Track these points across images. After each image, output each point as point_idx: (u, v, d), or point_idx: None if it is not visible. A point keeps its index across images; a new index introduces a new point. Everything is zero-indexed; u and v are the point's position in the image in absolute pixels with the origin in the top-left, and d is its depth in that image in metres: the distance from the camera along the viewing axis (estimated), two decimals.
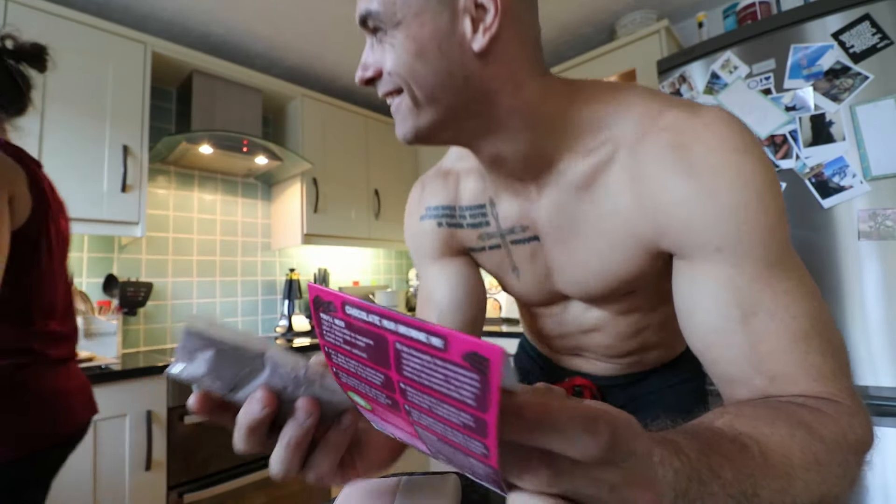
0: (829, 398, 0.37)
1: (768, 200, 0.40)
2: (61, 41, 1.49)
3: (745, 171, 0.39)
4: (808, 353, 0.38)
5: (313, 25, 1.94)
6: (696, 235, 0.41)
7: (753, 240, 0.39)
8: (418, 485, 0.41)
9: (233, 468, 1.51)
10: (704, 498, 0.27)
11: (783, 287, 0.39)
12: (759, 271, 0.40)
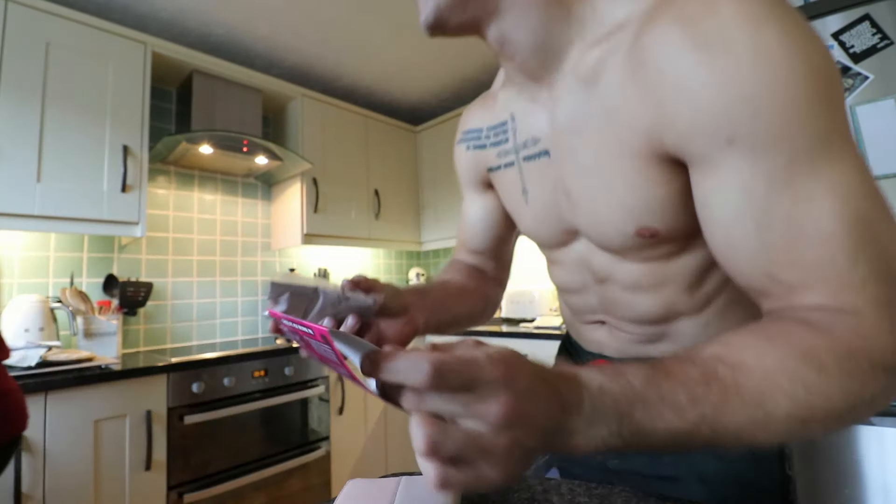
0: (849, 311, 0.32)
1: (799, 83, 0.32)
2: (61, 41, 1.49)
3: (770, 45, 0.32)
4: (833, 260, 0.32)
5: (313, 25, 1.94)
6: (704, 124, 0.35)
7: (773, 131, 0.33)
8: (418, 485, 0.41)
9: (233, 468, 1.51)
10: (655, 420, 0.30)
11: (811, 185, 0.33)
12: (779, 170, 0.33)
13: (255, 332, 2.23)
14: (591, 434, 0.30)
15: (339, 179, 2.30)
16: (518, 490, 0.46)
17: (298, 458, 1.67)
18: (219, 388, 1.50)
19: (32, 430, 1.15)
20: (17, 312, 1.44)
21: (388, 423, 2.06)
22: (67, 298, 1.55)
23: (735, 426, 0.31)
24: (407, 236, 2.64)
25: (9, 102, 1.38)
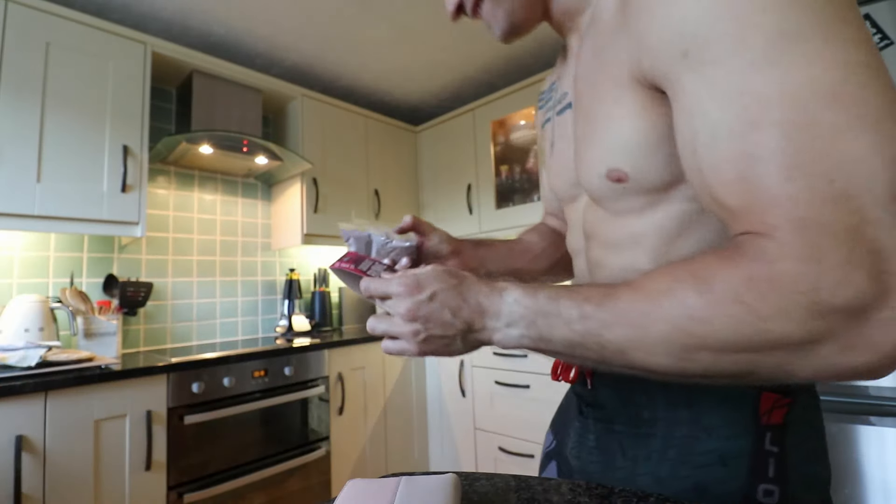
0: (768, 234, 0.29)
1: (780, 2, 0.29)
2: (61, 41, 1.49)
3: None
4: (769, 174, 0.29)
5: (313, 25, 1.94)
6: (663, 38, 0.33)
7: (724, 38, 0.30)
8: (418, 485, 0.41)
9: (233, 468, 1.51)
10: (552, 329, 0.37)
11: (758, 90, 0.29)
12: (730, 79, 0.30)
13: (255, 332, 2.23)
14: (507, 333, 0.40)
15: (339, 179, 2.30)
16: (518, 490, 0.46)
17: (298, 458, 1.67)
18: (219, 388, 1.50)
19: (32, 430, 1.15)
20: (17, 312, 1.44)
21: (388, 423, 2.06)
22: (67, 298, 1.56)
23: (617, 343, 0.33)
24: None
25: (9, 102, 1.38)
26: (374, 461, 1.97)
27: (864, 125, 0.27)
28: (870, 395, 1.08)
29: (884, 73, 0.28)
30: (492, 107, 2.38)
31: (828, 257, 0.27)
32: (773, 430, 0.42)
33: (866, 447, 1.07)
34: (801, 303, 0.28)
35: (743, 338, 0.29)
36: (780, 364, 0.30)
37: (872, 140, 0.27)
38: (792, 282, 0.28)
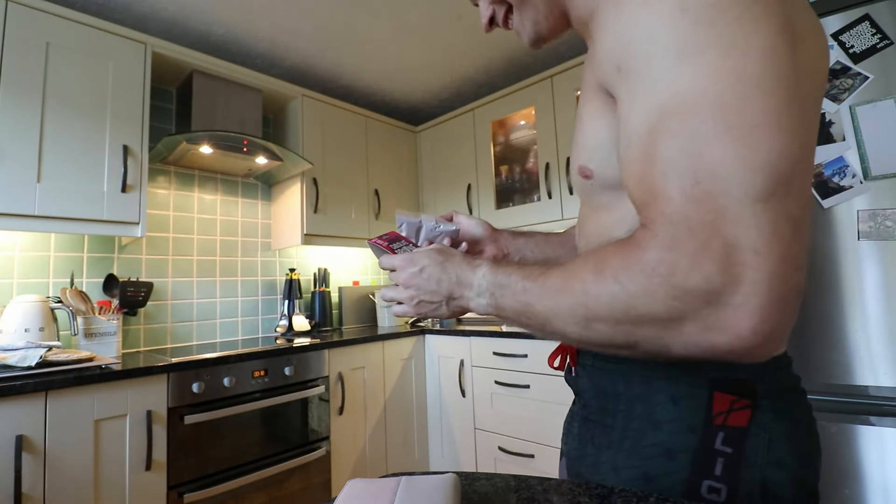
0: (648, 225, 0.34)
1: (685, 19, 0.33)
2: (61, 41, 1.49)
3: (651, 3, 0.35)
4: (654, 174, 0.34)
5: (313, 25, 1.94)
6: (607, 54, 0.39)
7: (643, 50, 0.35)
8: (418, 485, 0.41)
9: (233, 468, 1.51)
10: (506, 299, 0.45)
11: (659, 101, 0.34)
12: (642, 86, 0.35)
13: (255, 332, 2.23)
14: (478, 301, 0.49)
15: (339, 179, 2.30)
16: (518, 490, 0.46)
17: (298, 458, 1.67)
18: (219, 388, 1.50)
19: (33, 430, 1.15)
20: (17, 312, 1.44)
21: (388, 423, 2.06)
22: (67, 298, 1.56)
23: (543, 313, 0.41)
24: None
25: (9, 102, 1.38)
26: (374, 461, 1.97)
27: (735, 134, 0.31)
28: (870, 395, 1.08)
29: (777, 82, 0.31)
30: (492, 107, 2.38)
31: (684, 247, 0.32)
32: (730, 431, 0.42)
33: (866, 447, 1.07)
34: (660, 284, 0.32)
35: (619, 312, 0.35)
36: (655, 338, 0.35)
37: (739, 147, 0.31)
38: (654, 266, 0.33)
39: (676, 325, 0.33)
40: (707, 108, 0.32)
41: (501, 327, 2.10)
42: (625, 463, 0.47)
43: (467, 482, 0.47)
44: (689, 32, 0.33)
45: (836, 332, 1.13)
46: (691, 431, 0.43)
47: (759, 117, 0.31)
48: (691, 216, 0.32)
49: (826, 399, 1.13)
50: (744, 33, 0.32)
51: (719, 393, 0.43)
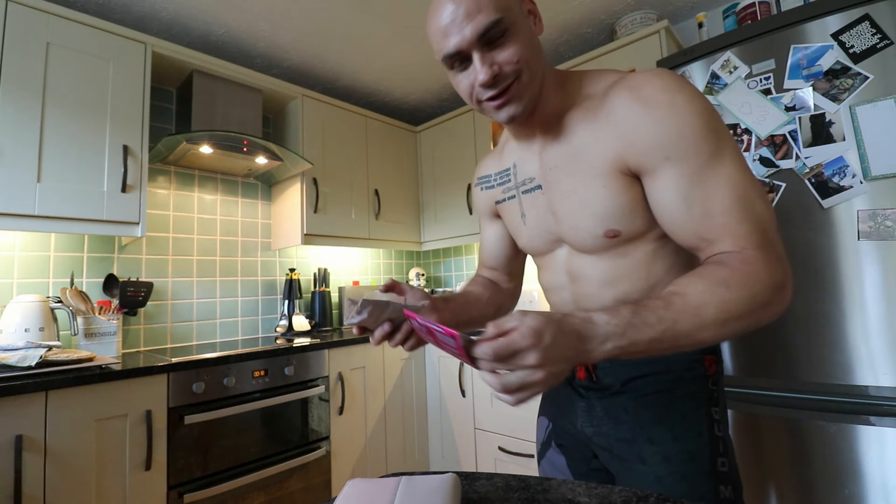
0: (739, 251, 0.54)
1: (697, 121, 0.57)
2: (61, 41, 1.49)
3: (679, 102, 0.58)
4: (731, 221, 0.55)
5: (313, 25, 1.94)
6: (652, 148, 0.58)
7: (689, 148, 0.57)
8: (418, 485, 0.41)
9: (233, 468, 1.51)
10: (639, 335, 0.50)
11: (713, 179, 0.56)
12: (695, 170, 0.57)
13: (255, 332, 2.23)
14: (602, 349, 0.49)
15: (339, 179, 2.30)
16: (518, 490, 0.46)
17: (298, 458, 1.67)
18: (219, 388, 1.50)
19: (33, 429, 1.15)
20: (17, 312, 1.45)
21: (388, 423, 2.06)
22: (67, 298, 1.56)
23: (685, 330, 0.50)
24: (407, 236, 2.64)
25: (9, 102, 1.38)
26: (374, 461, 1.97)
27: (760, 194, 0.57)
28: (870, 395, 1.08)
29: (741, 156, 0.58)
30: None
31: (771, 261, 0.53)
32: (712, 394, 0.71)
33: (866, 447, 1.07)
34: (770, 283, 0.52)
35: (748, 308, 0.52)
36: (759, 320, 0.53)
37: (766, 204, 0.57)
38: (761, 274, 0.52)
39: (773, 305, 0.53)
40: (749, 182, 0.56)
41: None
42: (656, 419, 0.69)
43: (467, 482, 0.47)
44: (719, 138, 0.57)
45: (836, 332, 1.13)
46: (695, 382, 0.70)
47: (761, 188, 0.57)
48: (764, 241, 0.54)
49: (826, 399, 1.13)
50: (729, 135, 0.58)
51: (709, 357, 0.71)
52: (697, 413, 0.68)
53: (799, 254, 1.19)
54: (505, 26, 0.58)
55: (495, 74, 0.59)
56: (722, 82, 1.33)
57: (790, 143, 1.21)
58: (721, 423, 0.69)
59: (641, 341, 0.50)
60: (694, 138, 0.56)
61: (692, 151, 0.56)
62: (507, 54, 0.59)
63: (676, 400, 0.69)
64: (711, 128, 0.57)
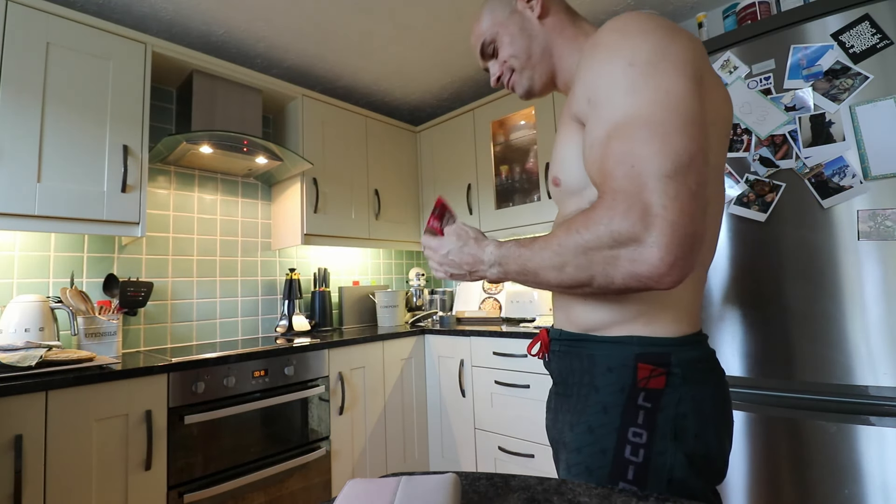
0: (603, 198, 0.52)
1: (623, 61, 0.53)
2: (61, 41, 1.49)
3: (616, 44, 0.55)
4: (610, 167, 0.51)
5: (313, 25, 1.94)
6: (582, 94, 0.59)
7: (608, 90, 0.54)
8: (418, 485, 0.41)
9: (233, 468, 1.51)
10: (509, 265, 0.61)
11: (609, 132, 0.52)
12: (606, 114, 0.54)
13: (255, 332, 2.23)
14: (491, 271, 0.64)
15: (339, 179, 2.30)
16: (518, 490, 0.46)
17: (298, 458, 1.67)
18: (219, 388, 1.50)
19: (33, 429, 1.15)
20: (17, 312, 1.45)
21: (388, 423, 2.06)
22: (68, 298, 1.56)
23: (533, 268, 0.57)
24: (407, 236, 2.64)
25: (9, 102, 1.38)
26: (374, 461, 1.97)
27: (657, 137, 0.49)
28: (870, 395, 1.08)
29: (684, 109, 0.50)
30: (492, 107, 2.38)
31: (618, 206, 0.49)
32: (649, 392, 0.57)
33: (866, 447, 1.07)
34: (605, 230, 0.49)
35: (580, 253, 0.52)
36: (603, 273, 0.51)
37: (658, 145, 0.49)
38: (599, 219, 0.50)
39: (616, 260, 0.49)
40: (641, 122, 0.50)
41: (501, 327, 2.10)
42: (576, 420, 0.62)
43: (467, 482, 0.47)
44: (634, 79, 0.52)
45: (836, 332, 1.13)
46: (622, 391, 0.59)
47: (670, 127, 0.49)
48: (625, 187, 0.49)
49: (826, 399, 1.13)
50: (666, 80, 0.51)
51: (642, 364, 0.59)
52: (606, 429, 0.57)
53: (799, 254, 1.19)
54: (492, 42, 0.78)
55: (498, 76, 0.80)
56: (722, 82, 1.33)
57: (790, 143, 1.21)
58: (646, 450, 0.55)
59: (511, 272, 0.61)
60: (613, 79, 0.53)
61: (609, 94, 0.53)
62: (499, 61, 0.79)
63: (588, 406, 0.61)
64: (638, 65, 0.52)
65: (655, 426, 0.55)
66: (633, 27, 0.55)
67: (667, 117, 0.49)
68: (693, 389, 0.57)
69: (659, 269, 0.47)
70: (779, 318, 1.21)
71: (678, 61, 0.52)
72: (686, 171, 0.47)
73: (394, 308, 2.48)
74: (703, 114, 0.51)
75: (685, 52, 0.53)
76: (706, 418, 0.57)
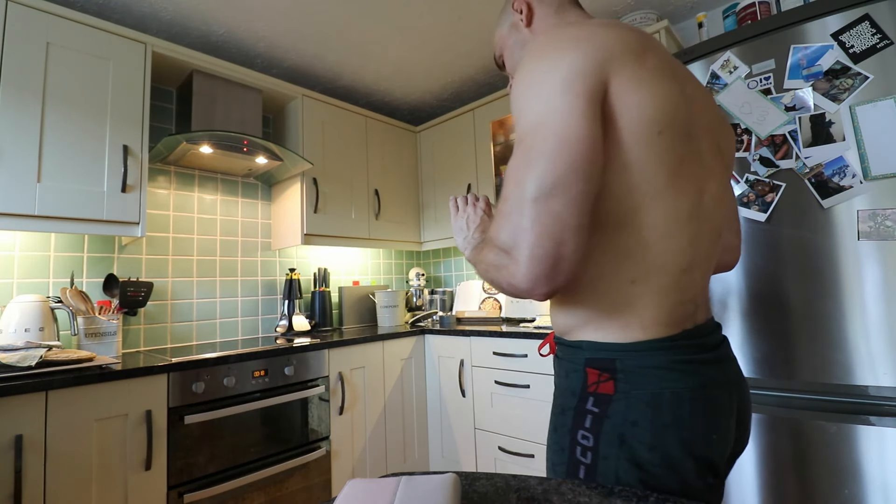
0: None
1: (518, 95, 0.57)
2: (61, 41, 1.49)
3: (518, 71, 0.58)
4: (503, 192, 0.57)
5: (313, 25, 1.94)
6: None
7: (516, 120, 0.58)
8: (418, 485, 0.41)
9: (233, 468, 1.51)
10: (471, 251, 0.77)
11: (513, 154, 0.57)
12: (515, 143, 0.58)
13: (255, 332, 2.23)
14: (469, 252, 0.77)
15: (339, 179, 2.30)
16: (518, 490, 0.46)
17: (298, 458, 1.67)
18: (219, 388, 1.50)
19: (33, 429, 1.15)
20: (17, 312, 1.45)
21: (388, 423, 2.06)
22: (68, 298, 1.56)
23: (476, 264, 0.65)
24: (407, 236, 2.64)
25: (9, 102, 1.38)
26: (374, 461, 1.97)
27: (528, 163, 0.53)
28: (870, 395, 1.08)
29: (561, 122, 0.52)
30: (492, 107, 2.38)
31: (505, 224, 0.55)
32: (599, 396, 0.58)
33: (866, 447, 1.07)
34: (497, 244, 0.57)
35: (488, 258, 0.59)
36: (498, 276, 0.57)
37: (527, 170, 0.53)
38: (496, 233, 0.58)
39: (501, 270, 0.56)
40: (521, 147, 0.55)
41: (501, 327, 2.09)
42: (552, 420, 0.65)
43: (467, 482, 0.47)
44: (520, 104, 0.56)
45: (836, 332, 1.13)
46: (573, 395, 0.61)
47: (537, 152, 0.52)
48: (509, 207, 0.54)
49: (826, 399, 1.13)
50: (541, 103, 0.53)
51: (590, 369, 0.60)
52: (563, 430, 0.60)
53: (799, 254, 1.19)
54: (501, 56, 0.84)
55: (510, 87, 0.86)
56: (722, 82, 1.33)
57: (790, 143, 1.21)
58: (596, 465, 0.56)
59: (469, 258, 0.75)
60: (511, 102, 0.59)
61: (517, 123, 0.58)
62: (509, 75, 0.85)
63: (556, 407, 0.64)
64: (523, 89, 0.56)
65: (601, 431, 0.56)
66: (532, 51, 0.58)
67: (536, 142, 0.52)
68: (648, 396, 0.55)
69: (524, 284, 0.53)
70: (779, 318, 1.21)
71: (561, 80, 0.53)
72: (548, 195, 0.50)
73: (394, 308, 2.48)
74: (590, 126, 0.51)
75: (575, 67, 0.53)
76: (665, 424, 0.54)
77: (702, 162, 0.62)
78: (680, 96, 0.59)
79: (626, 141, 0.54)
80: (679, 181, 0.58)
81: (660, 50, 0.62)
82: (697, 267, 0.61)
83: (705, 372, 0.58)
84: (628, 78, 0.55)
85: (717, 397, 0.58)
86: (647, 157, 0.56)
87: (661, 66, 0.59)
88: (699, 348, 0.59)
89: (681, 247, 0.59)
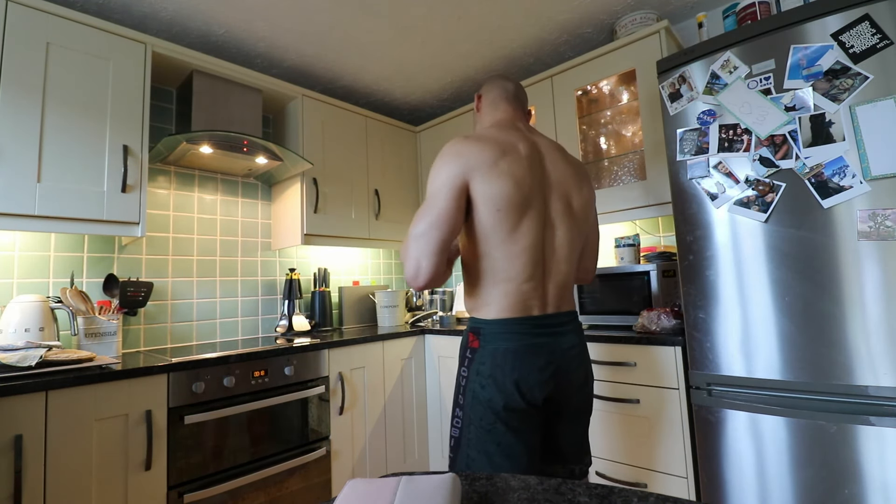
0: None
1: (431, 175, 0.99)
2: (61, 41, 1.49)
3: (436, 161, 1.00)
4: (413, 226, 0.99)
5: (313, 25, 1.94)
6: None
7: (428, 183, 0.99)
8: (418, 485, 0.41)
9: (233, 468, 1.51)
10: None
11: (419, 210, 0.98)
12: None
13: (256, 332, 2.23)
14: None
15: (339, 179, 2.30)
16: (518, 490, 0.46)
17: (298, 458, 1.67)
18: (219, 388, 1.50)
19: (33, 429, 1.15)
20: (17, 312, 1.45)
21: (388, 423, 2.06)
22: (68, 298, 1.56)
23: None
24: (407, 236, 2.63)
25: (9, 102, 1.38)
26: (374, 461, 1.97)
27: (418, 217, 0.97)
28: (870, 395, 1.08)
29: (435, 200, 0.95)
30: None
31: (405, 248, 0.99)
32: (472, 349, 1.01)
33: (866, 447, 1.07)
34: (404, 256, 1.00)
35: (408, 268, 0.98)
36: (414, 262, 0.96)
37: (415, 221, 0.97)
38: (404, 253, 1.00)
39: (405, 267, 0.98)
40: (424, 203, 0.98)
41: None
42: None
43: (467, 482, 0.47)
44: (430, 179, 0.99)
45: (836, 332, 1.13)
46: (463, 347, 1.04)
47: (420, 215, 0.96)
48: (411, 234, 0.96)
49: (826, 399, 1.13)
50: (430, 188, 0.98)
51: (471, 334, 1.02)
52: (458, 369, 1.02)
53: (799, 254, 1.19)
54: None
55: None
56: (722, 82, 1.33)
57: (790, 143, 1.21)
58: (466, 384, 0.99)
59: None
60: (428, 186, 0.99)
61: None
62: None
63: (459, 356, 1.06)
64: (428, 185, 0.98)
65: (470, 368, 0.99)
66: (442, 152, 0.99)
67: (427, 204, 0.96)
68: (493, 347, 0.97)
69: (406, 279, 0.96)
70: (779, 318, 1.21)
71: (444, 175, 0.95)
72: (419, 236, 0.94)
73: (394, 308, 2.48)
74: (451, 205, 0.93)
75: (451, 172, 0.95)
76: (500, 364, 0.95)
77: (544, 220, 1.00)
78: (519, 184, 0.96)
79: (480, 212, 0.95)
80: (515, 235, 0.96)
81: (521, 150, 1.00)
82: (538, 280, 0.99)
83: (527, 340, 0.96)
84: (480, 179, 0.94)
85: (531, 355, 0.95)
86: (492, 222, 0.95)
87: (515, 163, 0.97)
88: (532, 326, 0.97)
89: (518, 269, 0.97)
